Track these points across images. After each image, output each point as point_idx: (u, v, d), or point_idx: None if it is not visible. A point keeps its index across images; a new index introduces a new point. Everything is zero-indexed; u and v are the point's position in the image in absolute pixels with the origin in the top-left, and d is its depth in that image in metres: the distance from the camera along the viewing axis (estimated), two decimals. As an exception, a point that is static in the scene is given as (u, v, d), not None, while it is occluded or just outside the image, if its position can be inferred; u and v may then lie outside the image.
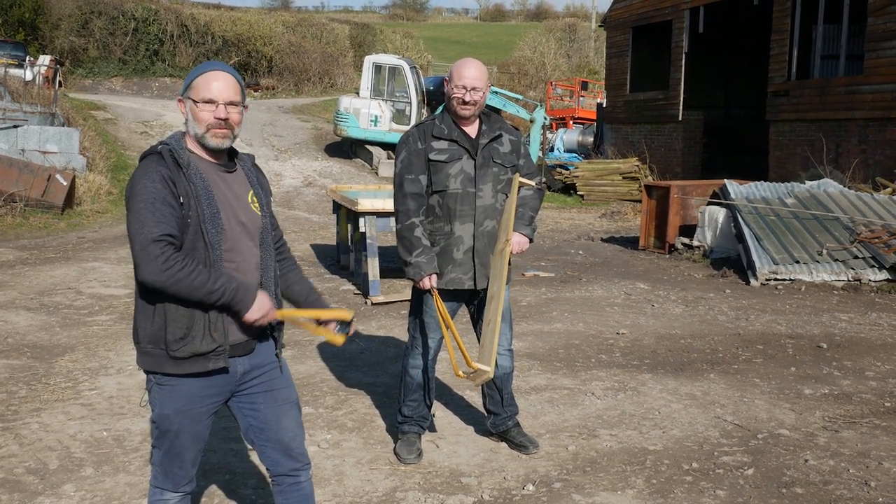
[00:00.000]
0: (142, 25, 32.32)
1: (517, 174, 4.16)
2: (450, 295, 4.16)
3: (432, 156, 4.03)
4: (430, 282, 4.00)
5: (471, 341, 4.76)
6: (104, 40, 31.60)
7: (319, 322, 2.93)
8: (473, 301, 4.28)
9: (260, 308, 2.66)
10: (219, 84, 2.65)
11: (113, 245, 11.26)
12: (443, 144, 4.04)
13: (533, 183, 4.20)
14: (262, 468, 4.09)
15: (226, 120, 2.66)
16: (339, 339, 2.92)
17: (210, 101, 2.64)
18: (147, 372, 2.71)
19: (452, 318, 4.25)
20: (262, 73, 34.28)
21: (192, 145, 2.71)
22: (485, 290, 4.09)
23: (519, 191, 4.17)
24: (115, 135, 21.56)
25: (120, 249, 10.82)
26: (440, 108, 4.20)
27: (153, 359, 2.65)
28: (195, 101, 2.65)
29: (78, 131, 16.15)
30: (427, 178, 4.06)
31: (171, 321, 2.58)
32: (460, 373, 3.73)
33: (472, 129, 4.11)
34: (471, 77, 3.98)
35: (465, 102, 3.99)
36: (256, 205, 2.79)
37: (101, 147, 18.68)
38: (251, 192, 2.80)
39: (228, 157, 2.78)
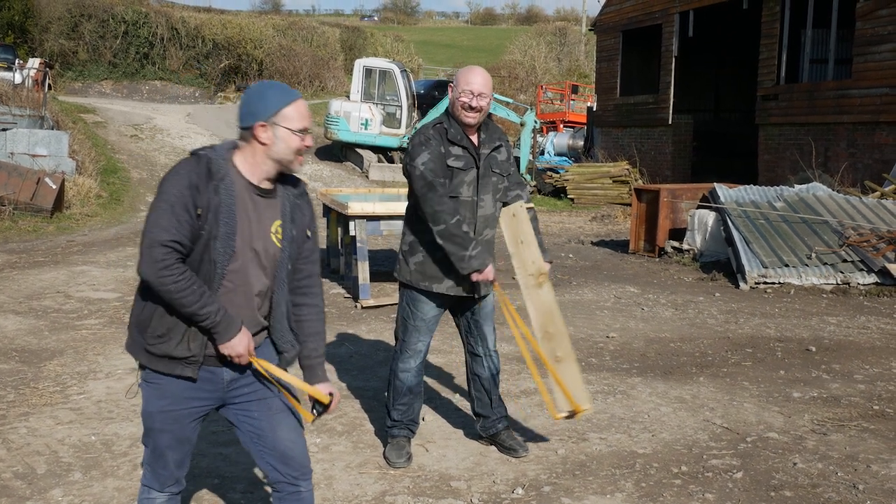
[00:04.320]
0: (132, 28, 32.28)
1: (522, 203, 4.21)
2: (439, 300, 4.17)
3: (450, 161, 4.01)
4: (492, 272, 4.03)
5: (457, 346, 4.74)
6: (94, 43, 31.56)
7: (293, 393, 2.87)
8: (464, 310, 4.30)
9: (234, 347, 2.64)
10: (306, 112, 2.70)
11: (102, 249, 11.22)
12: (458, 151, 4.03)
13: (532, 205, 4.28)
14: (251, 472, 4.09)
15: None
16: (308, 416, 2.85)
17: (305, 130, 2.68)
18: (139, 365, 2.74)
19: (435, 325, 4.30)
20: (252, 77, 34.26)
21: (239, 161, 2.66)
22: (478, 298, 4.22)
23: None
24: (104, 138, 21.51)
25: (109, 253, 10.78)
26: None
27: (134, 344, 2.71)
28: (292, 130, 2.64)
29: (67, 134, 16.09)
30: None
31: (157, 317, 2.63)
32: (558, 416, 4.06)
33: (474, 138, 4.12)
34: (478, 83, 3.97)
35: (471, 108, 3.96)
36: (279, 236, 2.73)
37: (90, 150, 18.60)
38: (278, 222, 2.74)
39: (272, 182, 2.72)
